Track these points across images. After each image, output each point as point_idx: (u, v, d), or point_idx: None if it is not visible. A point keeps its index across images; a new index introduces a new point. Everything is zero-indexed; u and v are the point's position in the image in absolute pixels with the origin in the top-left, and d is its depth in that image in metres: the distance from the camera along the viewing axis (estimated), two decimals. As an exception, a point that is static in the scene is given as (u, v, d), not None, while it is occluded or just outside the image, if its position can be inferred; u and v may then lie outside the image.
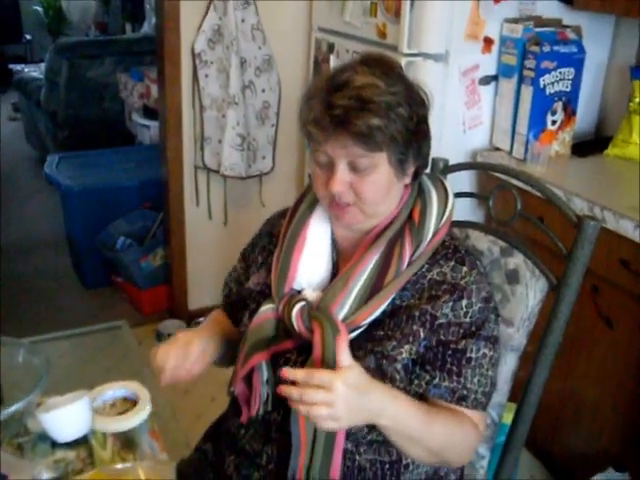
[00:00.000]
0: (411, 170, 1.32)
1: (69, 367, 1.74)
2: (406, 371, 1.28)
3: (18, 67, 6.65)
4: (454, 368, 1.28)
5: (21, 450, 1.35)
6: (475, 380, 1.29)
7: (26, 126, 6.38)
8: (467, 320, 1.29)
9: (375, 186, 1.26)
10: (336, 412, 1.09)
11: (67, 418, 1.35)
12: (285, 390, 1.11)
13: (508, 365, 1.54)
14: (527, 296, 1.50)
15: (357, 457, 1.31)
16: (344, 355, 1.14)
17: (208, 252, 3.47)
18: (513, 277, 1.52)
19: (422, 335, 1.27)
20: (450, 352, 1.28)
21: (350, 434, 1.28)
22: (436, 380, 1.28)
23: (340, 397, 1.09)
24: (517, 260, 1.53)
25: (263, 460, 1.37)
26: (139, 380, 1.52)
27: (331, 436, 1.26)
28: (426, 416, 1.23)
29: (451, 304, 1.28)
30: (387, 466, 1.33)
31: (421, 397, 1.30)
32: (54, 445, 1.37)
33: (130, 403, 1.46)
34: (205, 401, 2.83)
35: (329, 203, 1.31)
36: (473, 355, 1.29)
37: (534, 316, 1.52)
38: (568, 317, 1.48)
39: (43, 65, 5.93)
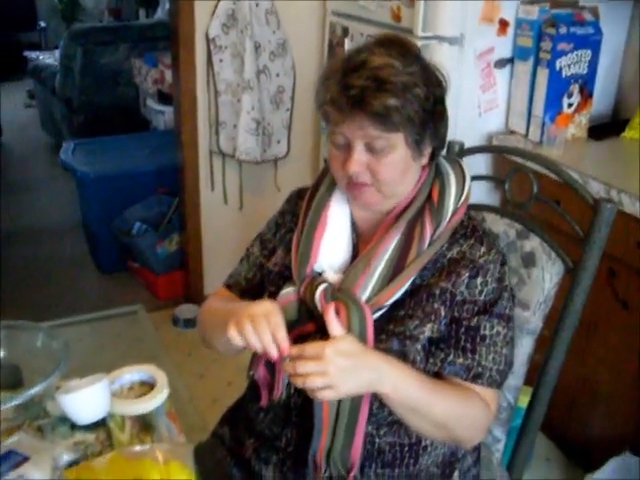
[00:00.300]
0: (428, 151, 1.32)
1: (87, 351, 1.76)
2: (424, 350, 1.29)
3: (33, 54, 6.65)
4: (468, 345, 1.29)
5: (41, 432, 1.37)
6: (490, 358, 1.29)
7: (41, 113, 6.40)
8: (481, 298, 1.30)
9: (392, 167, 1.26)
10: (331, 380, 1.10)
11: (86, 401, 1.36)
12: (284, 367, 1.13)
13: (524, 348, 1.54)
14: (543, 279, 1.50)
15: (377, 440, 1.33)
16: (334, 325, 1.16)
17: (224, 237, 3.48)
18: (529, 260, 1.52)
19: (443, 313, 1.29)
20: (464, 329, 1.29)
21: (371, 415, 1.29)
22: (450, 357, 1.29)
23: (332, 364, 1.10)
24: (533, 243, 1.53)
25: (282, 443, 1.38)
26: (156, 364, 1.52)
27: (353, 418, 1.27)
28: (429, 387, 1.23)
29: (467, 281, 1.29)
30: (406, 448, 1.34)
31: (436, 375, 1.30)
32: (73, 427, 1.38)
33: (147, 386, 1.47)
34: (221, 385, 2.84)
35: (346, 184, 1.31)
36: (487, 332, 1.29)
37: (550, 299, 1.52)
38: (584, 300, 1.47)
39: (57, 52, 5.94)
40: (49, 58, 6.31)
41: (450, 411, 1.26)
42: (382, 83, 1.19)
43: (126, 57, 5.24)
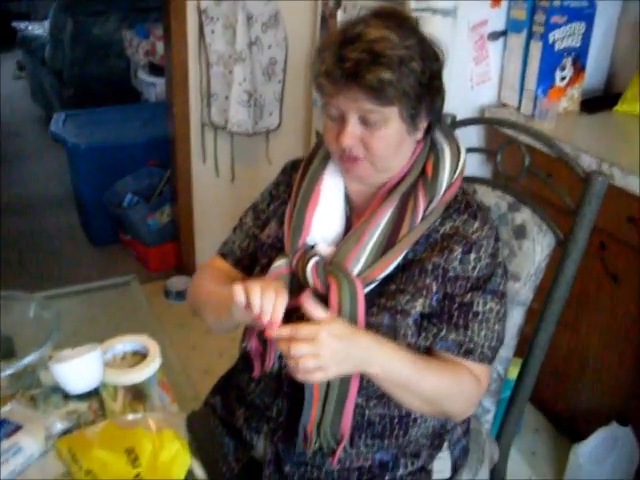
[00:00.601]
0: (423, 125, 1.31)
1: (79, 322, 1.75)
2: (416, 325, 1.29)
3: (22, 25, 6.59)
4: (460, 321, 1.29)
5: (34, 402, 1.37)
6: (482, 334, 1.29)
7: (31, 84, 6.37)
8: (474, 274, 1.30)
9: (386, 140, 1.26)
10: (323, 362, 1.11)
11: (79, 370, 1.36)
12: (278, 345, 1.13)
13: (514, 319, 1.56)
14: (534, 251, 1.51)
15: (366, 411, 1.34)
16: (318, 311, 1.16)
17: (215, 209, 3.48)
18: (520, 232, 1.53)
19: (434, 289, 1.28)
20: (457, 305, 1.29)
21: (362, 388, 1.30)
22: (443, 332, 1.29)
23: (325, 347, 1.10)
24: (524, 215, 1.53)
25: (273, 413, 1.39)
26: (148, 335, 1.53)
27: (343, 391, 1.27)
28: (418, 364, 1.23)
29: (460, 257, 1.29)
30: (396, 420, 1.35)
31: (428, 350, 1.31)
32: (66, 397, 1.38)
33: (140, 356, 1.47)
34: (213, 356, 2.86)
35: (340, 156, 1.30)
36: (480, 309, 1.29)
37: (541, 271, 1.53)
38: (575, 272, 1.49)
39: (47, 22, 5.88)
40: (38, 29, 6.25)
41: (439, 388, 1.26)
42: (377, 56, 1.18)
43: (117, 28, 5.20)
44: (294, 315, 1.33)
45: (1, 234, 3.95)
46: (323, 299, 1.28)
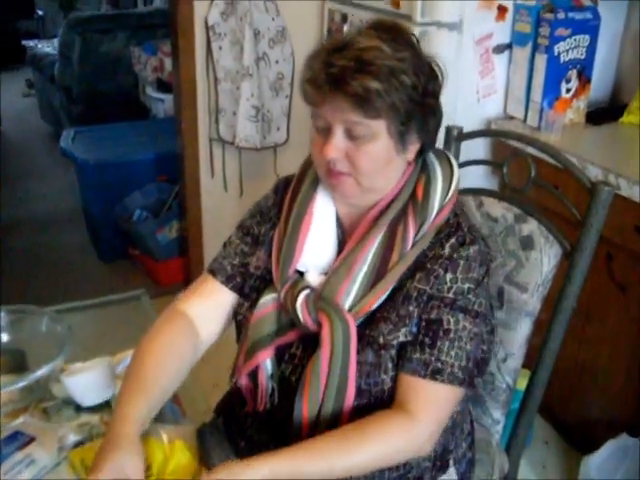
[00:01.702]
0: (414, 146, 1.26)
1: (90, 336, 1.77)
2: (398, 356, 1.25)
3: (31, 43, 6.64)
4: (427, 340, 1.22)
5: (47, 414, 1.38)
6: (452, 353, 1.21)
7: (40, 102, 6.41)
8: (448, 295, 1.23)
9: (371, 156, 1.21)
10: None
11: (91, 383, 1.38)
12: None
13: (523, 330, 1.56)
14: (541, 262, 1.51)
15: None
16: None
17: (224, 224, 3.47)
18: (527, 243, 1.54)
19: (415, 315, 1.23)
20: (424, 323, 1.23)
21: (355, 415, 1.26)
22: (408, 354, 1.23)
23: None
24: (531, 226, 1.54)
25: (271, 448, 1.36)
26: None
27: (337, 415, 1.25)
28: (329, 461, 1.16)
29: (437, 280, 1.23)
30: None
31: (398, 379, 1.25)
32: (78, 409, 1.39)
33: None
34: (222, 370, 2.82)
35: (325, 171, 1.25)
36: (451, 327, 1.22)
37: (548, 282, 1.53)
38: (582, 282, 1.49)
39: (56, 40, 5.94)
40: (47, 47, 6.30)
41: (368, 464, 1.21)
42: (365, 64, 1.14)
43: (125, 45, 5.24)
44: (285, 354, 1.32)
45: (11, 250, 3.98)
46: (313, 335, 1.26)
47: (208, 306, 1.43)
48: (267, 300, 1.32)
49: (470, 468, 1.50)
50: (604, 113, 2.62)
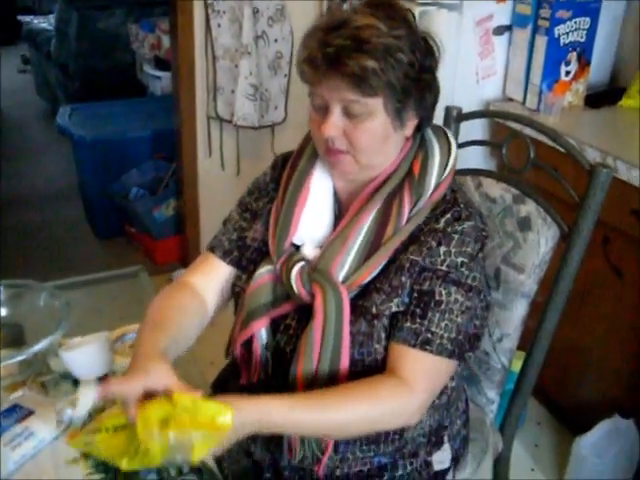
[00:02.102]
0: (412, 122, 1.27)
1: (88, 311, 1.77)
2: (390, 326, 1.26)
3: (27, 18, 6.58)
4: (418, 310, 1.23)
5: (45, 388, 1.39)
6: (442, 325, 1.22)
7: (36, 78, 6.37)
8: (442, 267, 1.24)
9: (369, 134, 1.22)
10: None
11: (89, 357, 1.38)
12: None
13: (519, 311, 1.57)
14: (539, 243, 1.52)
15: None
16: None
17: (221, 202, 3.46)
18: (525, 224, 1.54)
19: (408, 285, 1.24)
20: (416, 294, 1.24)
21: None
22: (399, 323, 1.24)
23: None
24: (529, 208, 1.55)
25: None
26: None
27: None
28: (323, 412, 1.17)
29: (431, 252, 1.24)
30: None
31: (389, 347, 1.25)
32: (76, 383, 1.40)
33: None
34: (218, 348, 2.84)
35: (325, 149, 1.26)
36: (443, 299, 1.23)
37: (545, 263, 1.54)
38: (579, 264, 1.50)
39: (52, 16, 5.89)
40: (44, 22, 6.25)
41: (357, 423, 1.20)
42: (361, 43, 1.14)
43: (122, 22, 5.20)
44: (281, 325, 1.33)
45: (7, 226, 3.97)
46: (308, 306, 1.27)
47: (209, 281, 1.44)
48: (263, 272, 1.33)
49: (464, 445, 1.52)
50: (603, 96, 2.62)
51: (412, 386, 1.21)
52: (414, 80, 1.20)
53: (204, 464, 1.22)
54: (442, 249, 1.24)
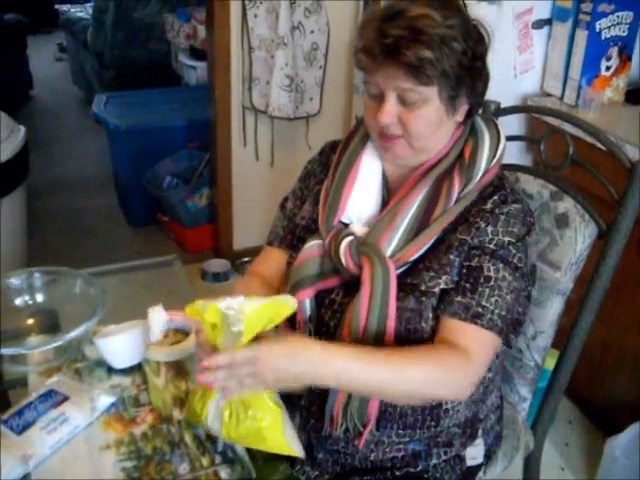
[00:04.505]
0: (464, 108, 1.30)
1: (122, 299, 1.77)
2: (438, 303, 1.28)
3: (64, 7, 6.63)
4: (468, 285, 1.25)
5: (79, 375, 1.41)
6: (492, 300, 1.24)
7: (72, 66, 6.42)
8: (489, 245, 1.26)
9: (424, 120, 1.25)
10: (262, 380, 1.11)
11: (123, 345, 1.40)
12: (206, 378, 1.12)
13: (554, 308, 1.55)
14: (576, 240, 1.50)
15: (399, 404, 1.32)
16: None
17: (254, 193, 3.50)
18: (562, 221, 1.52)
19: (456, 264, 1.27)
20: (465, 270, 1.27)
21: None
22: (449, 298, 1.26)
23: (265, 367, 1.10)
24: (567, 204, 1.53)
25: (305, 402, 1.39)
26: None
27: None
28: (388, 360, 1.18)
29: (479, 232, 1.27)
30: (427, 411, 1.34)
31: (439, 321, 1.27)
32: (110, 371, 1.42)
33: (182, 334, 1.50)
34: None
35: (378, 134, 1.30)
36: (492, 274, 1.25)
37: (582, 261, 1.52)
38: (616, 263, 1.48)
39: (89, 5, 5.93)
40: (81, 11, 6.29)
41: (417, 379, 1.20)
42: (418, 34, 1.17)
43: (158, 12, 5.21)
44: (326, 299, 1.35)
45: (42, 213, 4.01)
46: (354, 282, 1.29)
47: (271, 269, 1.49)
48: (312, 245, 1.36)
49: (497, 442, 1.53)
50: (643, 92, 2.57)
51: (470, 355, 1.22)
52: (467, 68, 1.24)
53: (235, 454, 1.22)
54: (490, 229, 1.27)
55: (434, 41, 1.18)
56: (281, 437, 1.19)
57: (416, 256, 1.28)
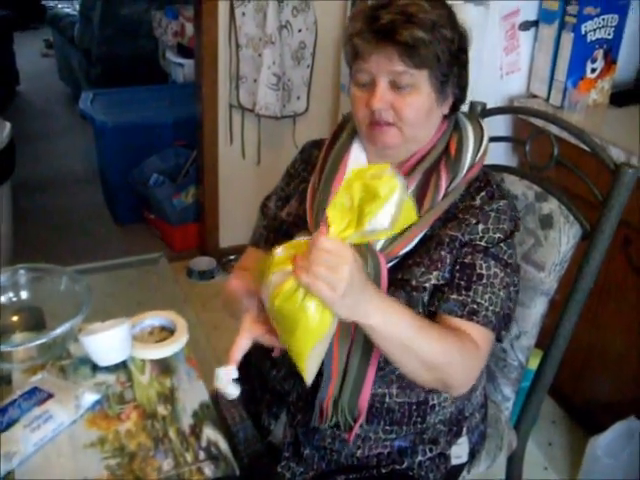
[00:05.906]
0: (449, 101, 1.32)
1: (107, 297, 1.77)
2: (430, 300, 1.29)
3: (51, 3, 6.61)
4: (462, 283, 1.27)
5: (64, 372, 1.40)
6: (486, 297, 1.26)
7: (59, 63, 6.39)
8: (481, 243, 1.28)
9: (415, 106, 1.26)
10: (337, 279, 1.02)
11: (108, 343, 1.39)
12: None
13: (537, 308, 1.56)
14: (560, 241, 1.52)
15: (387, 399, 1.34)
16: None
17: (240, 191, 3.50)
18: (547, 222, 1.54)
19: (448, 261, 1.28)
20: (458, 267, 1.28)
21: (384, 376, 1.31)
22: (445, 295, 1.27)
23: (346, 268, 1.03)
24: (551, 205, 1.54)
25: (293, 398, 1.40)
26: (175, 312, 1.55)
27: (363, 370, 1.28)
28: (423, 327, 1.18)
29: (470, 228, 1.28)
30: (414, 407, 1.36)
31: (433, 317, 1.27)
32: (95, 369, 1.42)
33: (168, 332, 1.50)
34: (235, 336, 2.87)
35: (369, 124, 1.30)
36: (484, 272, 1.27)
37: (566, 261, 1.53)
38: (600, 263, 1.49)
39: (76, 1, 5.90)
40: (68, 7, 6.28)
41: (440, 351, 1.20)
42: (411, 16, 1.21)
43: (146, 9, 5.20)
44: None
45: (27, 210, 3.99)
46: None
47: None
48: (300, 239, 1.34)
49: (481, 441, 1.54)
50: (628, 95, 2.59)
51: (479, 348, 1.26)
52: (455, 57, 1.27)
53: (219, 450, 1.23)
54: (480, 226, 1.29)
55: (426, 24, 1.21)
56: (310, 344, 1.12)
57: (406, 250, 1.29)
